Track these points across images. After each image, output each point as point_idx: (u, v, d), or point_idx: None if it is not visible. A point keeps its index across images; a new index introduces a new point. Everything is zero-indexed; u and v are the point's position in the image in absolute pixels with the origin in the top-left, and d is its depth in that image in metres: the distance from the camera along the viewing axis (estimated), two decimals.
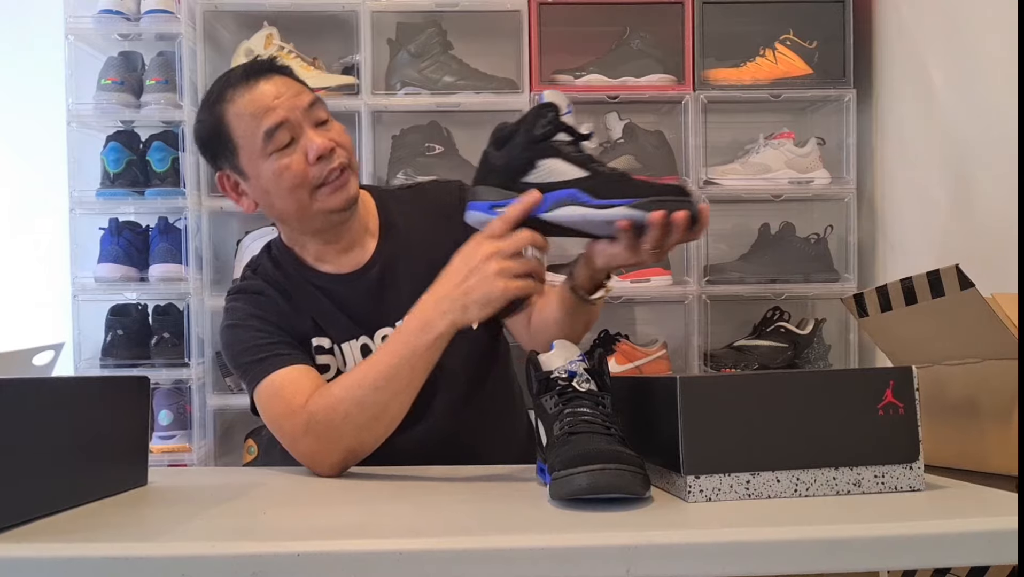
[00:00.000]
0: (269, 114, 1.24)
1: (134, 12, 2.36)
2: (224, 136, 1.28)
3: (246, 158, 1.28)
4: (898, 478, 0.93)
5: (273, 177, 1.26)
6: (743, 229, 2.52)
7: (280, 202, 1.29)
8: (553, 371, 1.01)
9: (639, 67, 2.40)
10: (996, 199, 1.78)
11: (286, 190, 1.26)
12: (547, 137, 1.09)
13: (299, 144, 1.26)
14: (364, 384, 1.15)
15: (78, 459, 0.95)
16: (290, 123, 1.25)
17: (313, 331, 1.32)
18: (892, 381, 0.94)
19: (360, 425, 1.15)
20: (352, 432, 1.16)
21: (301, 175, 1.25)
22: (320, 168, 1.25)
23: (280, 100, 1.25)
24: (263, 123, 1.24)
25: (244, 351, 1.27)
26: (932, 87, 2.07)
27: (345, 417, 1.15)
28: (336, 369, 1.32)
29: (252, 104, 1.25)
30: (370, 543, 0.77)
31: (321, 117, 1.29)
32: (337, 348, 1.33)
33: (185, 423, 2.36)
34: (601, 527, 0.81)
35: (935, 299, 1.26)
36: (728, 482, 0.91)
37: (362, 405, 1.15)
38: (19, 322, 2.51)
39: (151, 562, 0.75)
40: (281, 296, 1.33)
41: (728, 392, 0.93)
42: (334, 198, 1.28)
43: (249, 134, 1.26)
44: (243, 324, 1.30)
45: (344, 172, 1.28)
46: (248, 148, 1.27)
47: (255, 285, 1.35)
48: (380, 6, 2.36)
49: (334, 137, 1.28)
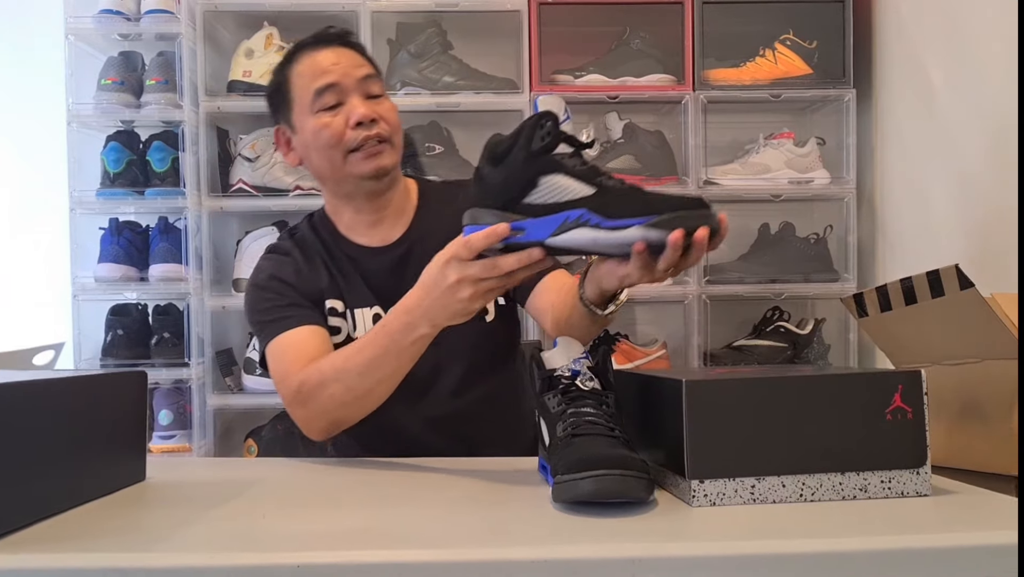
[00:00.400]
0: (322, 76, 1.35)
1: (134, 12, 2.36)
2: (284, 92, 1.40)
3: (297, 113, 1.38)
4: (905, 483, 0.93)
5: (313, 133, 1.36)
6: (743, 229, 2.52)
7: (317, 158, 1.38)
8: (556, 369, 1.01)
9: (639, 67, 2.40)
10: (996, 199, 1.79)
11: (322, 148, 1.36)
12: (547, 150, 1.00)
13: (343, 108, 1.35)
14: (349, 368, 1.21)
15: (77, 456, 0.95)
16: (339, 87, 1.35)
17: (330, 292, 1.40)
18: (901, 385, 0.93)
19: (344, 403, 1.24)
20: (336, 408, 1.25)
21: (338, 136, 1.34)
22: (357, 133, 1.34)
23: (336, 66, 1.36)
24: (315, 83, 1.35)
25: (260, 311, 1.38)
26: (932, 87, 2.07)
27: (331, 396, 1.24)
28: (347, 333, 1.40)
29: (311, 66, 1.37)
30: (370, 554, 0.77)
31: (373, 91, 1.38)
32: (350, 312, 1.40)
33: (185, 423, 2.36)
34: (606, 537, 0.81)
35: (935, 299, 1.26)
36: (733, 487, 0.90)
37: (346, 387, 1.22)
38: (19, 322, 2.51)
39: (149, 573, 0.75)
40: (306, 258, 1.42)
41: (734, 395, 0.92)
42: (365, 164, 1.35)
43: (302, 91, 1.37)
44: (264, 285, 1.40)
45: (381, 143, 1.36)
46: (300, 104, 1.37)
47: (284, 246, 1.45)
48: (380, 6, 2.36)
49: (379, 111, 1.36)
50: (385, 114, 1.37)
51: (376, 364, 1.19)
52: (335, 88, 1.35)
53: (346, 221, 1.44)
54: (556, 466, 0.92)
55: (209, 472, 1.27)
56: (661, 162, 2.41)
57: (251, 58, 2.37)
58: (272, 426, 2.35)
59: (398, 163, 1.41)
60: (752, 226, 2.48)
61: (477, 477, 1.13)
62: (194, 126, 2.35)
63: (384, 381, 1.21)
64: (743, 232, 2.52)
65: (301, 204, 2.34)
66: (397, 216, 1.44)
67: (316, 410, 1.26)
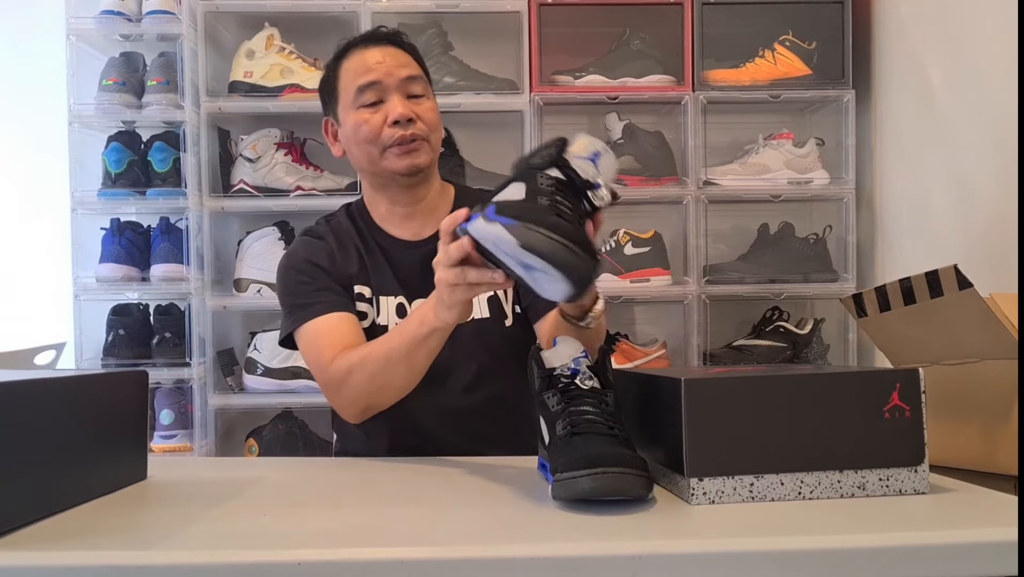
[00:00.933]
0: (366, 74, 1.41)
1: (135, 13, 2.36)
2: (333, 86, 1.46)
3: (342, 108, 1.44)
4: (903, 481, 0.93)
5: (353, 128, 1.42)
6: (742, 229, 2.53)
7: (356, 151, 1.44)
8: (556, 368, 1.01)
9: (639, 68, 2.41)
10: (995, 199, 1.79)
11: (361, 142, 1.41)
12: (539, 167, 0.98)
13: (383, 106, 1.40)
14: (377, 359, 1.29)
15: (78, 456, 0.96)
16: (381, 85, 1.40)
17: (359, 278, 1.46)
18: (899, 384, 0.93)
19: (370, 392, 1.32)
20: (364, 396, 1.33)
21: (375, 132, 1.40)
22: (394, 131, 1.39)
23: (380, 65, 1.41)
24: (358, 80, 1.41)
25: (292, 292, 1.44)
26: (931, 87, 2.07)
27: (357, 384, 1.32)
28: (372, 319, 1.45)
29: (358, 63, 1.42)
30: (371, 552, 0.77)
31: (415, 91, 1.42)
32: (375, 299, 1.46)
33: (186, 422, 2.36)
34: (606, 535, 0.81)
35: (934, 299, 1.26)
36: (732, 485, 0.91)
37: (372, 376, 1.30)
38: (21, 322, 2.52)
39: (151, 571, 0.75)
40: (339, 244, 1.47)
41: (733, 394, 0.92)
42: (399, 161, 1.40)
43: (347, 87, 1.43)
44: (296, 268, 1.45)
45: (416, 142, 1.40)
46: (344, 99, 1.43)
47: (319, 230, 1.50)
48: (380, 7, 2.36)
49: (418, 110, 1.41)
50: (423, 114, 1.41)
51: (398, 356, 1.26)
52: (377, 86, 1.40)
53: (381, 212, 1.49)
54: (556, 464, 0.92)
55: (210, 471, 1.28)
56: (661, 162, 2.42)
57: (252, 59, 2.37)
58: (273, 426, 2.35)
59: (434, 161, 1.46)
60: (751, 226, 2.48)
61: (477, 475, 1.13)
62: (195, 127, 2.36)
63: (405, 373, 1.28)
64: (742, 232, 2.52)
65: (302, 204, 2.35)
66: (430, 213, 1.47)
67: (348, 397, 1.34)
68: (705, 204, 2.39)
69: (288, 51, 2.38)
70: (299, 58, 2.39)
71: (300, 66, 2.38)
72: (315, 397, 2.27)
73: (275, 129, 2.40)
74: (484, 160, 2.48)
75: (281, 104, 2.36)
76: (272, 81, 2.36)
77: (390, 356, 1.27)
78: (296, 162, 2.40)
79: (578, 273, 0.93)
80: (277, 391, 2.35)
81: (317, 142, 2.49)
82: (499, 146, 2.50)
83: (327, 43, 2.47)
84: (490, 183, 2.34)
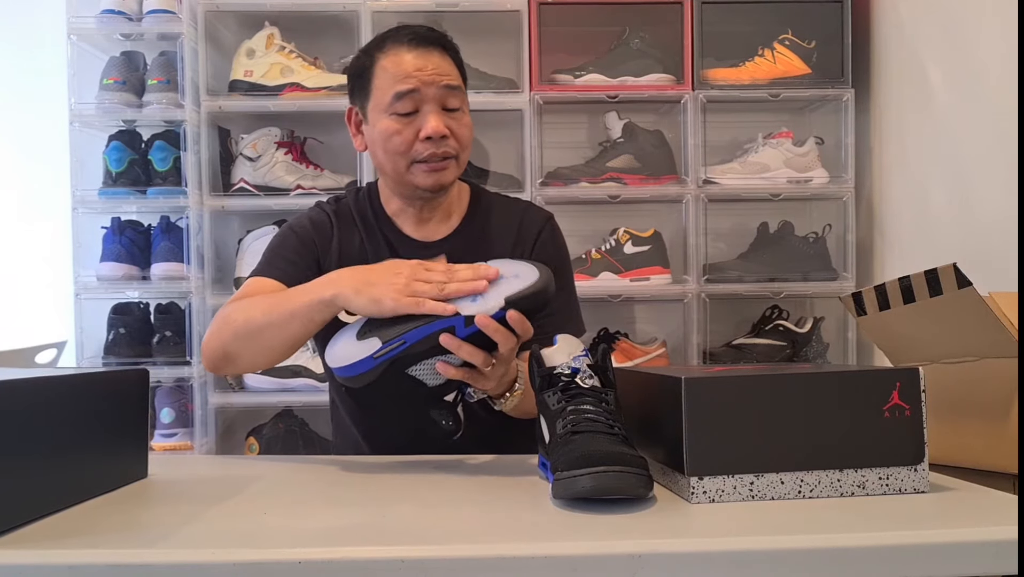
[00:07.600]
0: (405, 80, 1.33)
1: (136, 12, 2.37)
2: (366, 78, 1.38)
3: (373, 107, 1.37)
4: (903, 480, 0.94)
5: (382, 135, 1.36)
6: (742, 228, 2.53)
7: (382, 156, 1.38)
8: (556, 367, 1.01)
9: (638, 67, 2.41)
10: (994, 198, 1.79)
11: (389, 152, 1.36)
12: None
13: (417, 118, 1.34)
14: (261, 306, 1.25)
15: (79, 454, 0.96)
16: (419, 95, 1.34)
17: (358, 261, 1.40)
18: (899, 382, 0.93)
19: (237, 335, 1.26)
20: (230, 339, 1.27)
21: (406, 146, 1.35)
22: (425, 147, 1.34)
23: (420, 73, 1.34)
24: (396, 86, 1.34)
25: (274, 247, 1.43)
26: (930, 86, 2.07)
27: (233, 322, 1.27)
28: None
29: (397, 65, 1.35)
30: (372, 550, 0.77)
31: (452, 104, 1.36)
32: None
33: (187, 421, 2.37)
34: (606, 534, 0.81)
35: (933, 298, 1.26)
36: (732, 484, 0.91)
37: (247, 318, 1.25)
38: (22, 320, 2.52)
39: (151, 569, 0.75)
40: (341, 226, 1.44)
41: (733, 393, 0.92)
42: (426, 178, 1.36)
43: (383, 88, 1.35)
44: (284, 233, 1.45)
45: (446, 160, 1.36)
46: (377, 99, 1.36)
47: (318, 215, 1.47)
48: (380, 6, 2.36)
49: (453, 127, 1.36)
50: (457, 130, 1.36)
51: (278, 311, 1.22)
52: (414, 95, 1.33)
53: (394, 208, 1.46)
54: (556, 463, 0.93)
55: (210, 469, 1.28)
56: (660, 161, 2.42)
57: (252, 58, 2.38)
58: (273, 424, 2.36)
59: (458, 176, 1.42)
60: (751, 225, 2.48)
61: (477, 474, 1.13)
62: (195, 126, 2.36)
63: (277, 330, 1.22)
64: (742, 231, 2.52)
65: (302, 203, 2.34)
66: (445, 216, 1.46)
67: (218, 333, 1.28)
68: (705, 203, 2.39)
69: (288, 50, 2.38)
70: (299, 57, 2.39)
71: (300, 65, 2.38)
72: (316, 396, 2.27)
73: (275, 128, 2.40)
74: (484, 159, 2.48)
75: (281, 103, 2.36)
76: (272, 80, 2.36)
77: (271, 308, 1.23)
78: (296, 161, 2.41)
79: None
80: (277, 389, 2.35)
81: (317, 141, 2.50)
82: (499, 145, 2.50)
83: (327, 42, 2.50)
84: (490, 182, 2.35)
